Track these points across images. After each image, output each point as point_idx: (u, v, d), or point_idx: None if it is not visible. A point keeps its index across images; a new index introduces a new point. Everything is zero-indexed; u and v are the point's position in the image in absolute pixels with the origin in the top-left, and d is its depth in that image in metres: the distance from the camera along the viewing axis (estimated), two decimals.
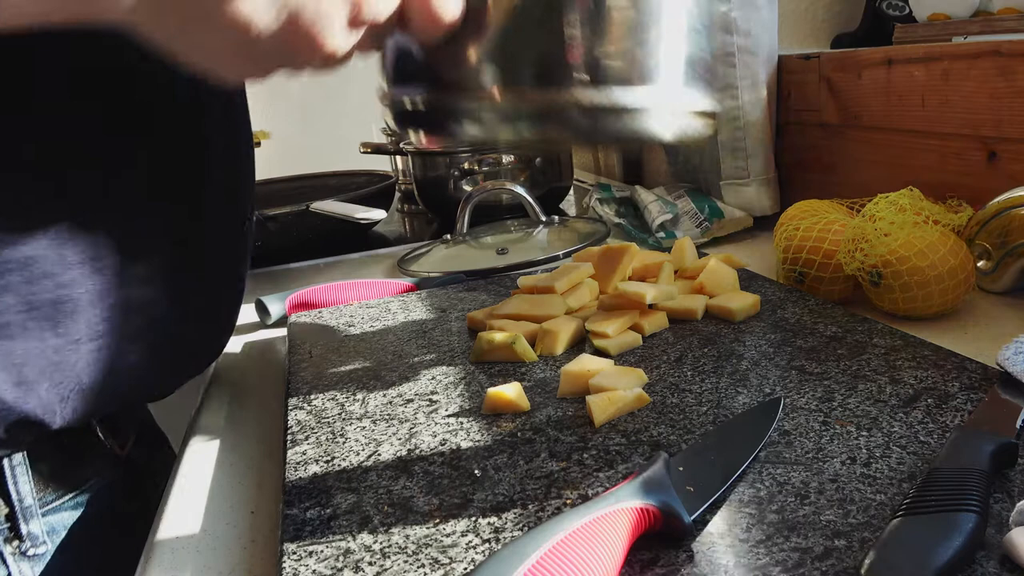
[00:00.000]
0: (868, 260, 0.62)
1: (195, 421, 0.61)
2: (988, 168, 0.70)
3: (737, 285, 0.66)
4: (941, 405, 0.45)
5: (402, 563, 0.36)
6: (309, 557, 0.37)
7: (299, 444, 0.49)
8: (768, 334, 0.58)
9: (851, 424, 0.44)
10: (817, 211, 0.73)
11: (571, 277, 0.67)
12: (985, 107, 0.69)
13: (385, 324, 0.70)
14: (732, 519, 0.36)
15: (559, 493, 0.40)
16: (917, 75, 0.76)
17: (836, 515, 0.36)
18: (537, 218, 0.98)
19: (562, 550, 0.32)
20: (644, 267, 0.69)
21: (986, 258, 0.64)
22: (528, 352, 0.58)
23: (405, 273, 0.89)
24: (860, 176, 0.87)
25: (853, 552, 0.33)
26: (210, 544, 0.44)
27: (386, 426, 0.50)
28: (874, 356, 0.52)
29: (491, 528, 0.38)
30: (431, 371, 0.58)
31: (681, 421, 0.46)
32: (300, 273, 0.99)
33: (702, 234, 0.92)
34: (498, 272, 0.83)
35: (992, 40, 0.71)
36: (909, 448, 0.41)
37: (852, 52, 0.87)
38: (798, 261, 0.67)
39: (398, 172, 1.44)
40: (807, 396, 0.47)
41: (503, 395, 0.50)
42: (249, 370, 0.70)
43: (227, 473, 0.52)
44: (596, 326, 0.60)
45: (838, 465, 0.40)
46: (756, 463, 0.41)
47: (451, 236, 0.97)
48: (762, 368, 0.52)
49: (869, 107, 0.83)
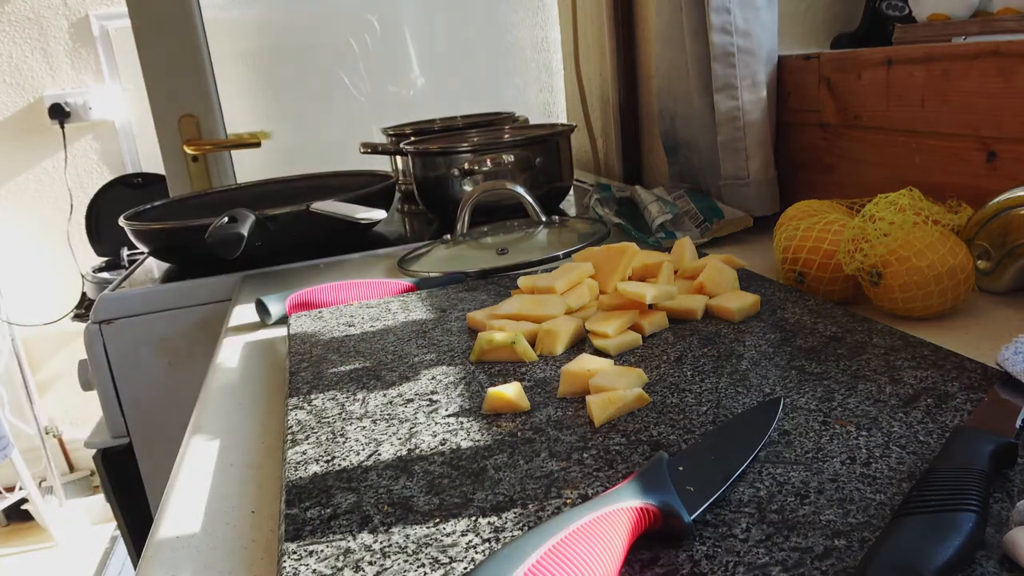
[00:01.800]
0: (868, 260, 0.62)
1: (195, 421, 0.61)
2: (988, 168, 0.70)
3: (737, 285, 0.66)
4: (941, 405, 0.45)
5: (402, 563, 0.36)
6: (309, 557, 0.37)
7: (299, 444, 0.49)
8: (768, 334, 0.58)
9: (851, 424, 0.44)
10: (817, 211, 0.73)
11: (571, 277, 0.67)
12: (985, 107, 0.69)
13: (385, 324, 0.70)
14: (732, 519, 0.36)
15: (559, 493, 0.40)
16: (917, 75, 0.76)
17: (836, 515, 0.36)
18: (537, 218, 0.98)
19: (562, 550, 0.32)
20: (644, 267, 0.69)
21: (986, 258, 0.64)
22: (528, 352, 0.58)
23: (405, 273, 0.89)
24: (860, 176, 0.87)
25: (853, 552, 0.33)
26: (210, 544, 0.44)
27: (386, 426, 0.50)
28: (874, 356, 0.52)
29: (491, 528, 0.38)
30: (431, 371, 0.58)
31: (681, 421, 0.46)
32: (300, 273, 0.99)
33: (702, 234, 0.92)
34: (498, 272, 0.83)
35: (992, 40, 0.71)
36: (909, 448, 0.41)
37: (852, 52, 0.87)
38: (798, 261, 0.67)
39: (398, 172, 1.44)
40: (807, 396, 0.47)
41: (503, 395, 0.50)
42: (249, 370, 0.70)
43: (227, 473, 0.52)
44: (596, 326, 0.60)
45: (838, 465, 0.40)
46: (756, 463, 0.41)
47: (451, 236, 0.97)
48: (762, 368, 0.52)
49: (869, 107, 0.83)
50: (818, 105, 0.91)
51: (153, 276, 1.06)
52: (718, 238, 0.94)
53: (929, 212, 0.65)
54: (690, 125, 1.05)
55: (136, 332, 0.96)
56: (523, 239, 0.95)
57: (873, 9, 1.07)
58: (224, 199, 1.25)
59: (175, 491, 0.51)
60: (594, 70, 1.57)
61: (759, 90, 0.93)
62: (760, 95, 0.94)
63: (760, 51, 0.92)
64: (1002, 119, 0.68)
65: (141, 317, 0.96)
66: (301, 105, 1.84)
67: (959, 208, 0.67)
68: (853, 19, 1.11)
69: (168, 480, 0.53)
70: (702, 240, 0.92)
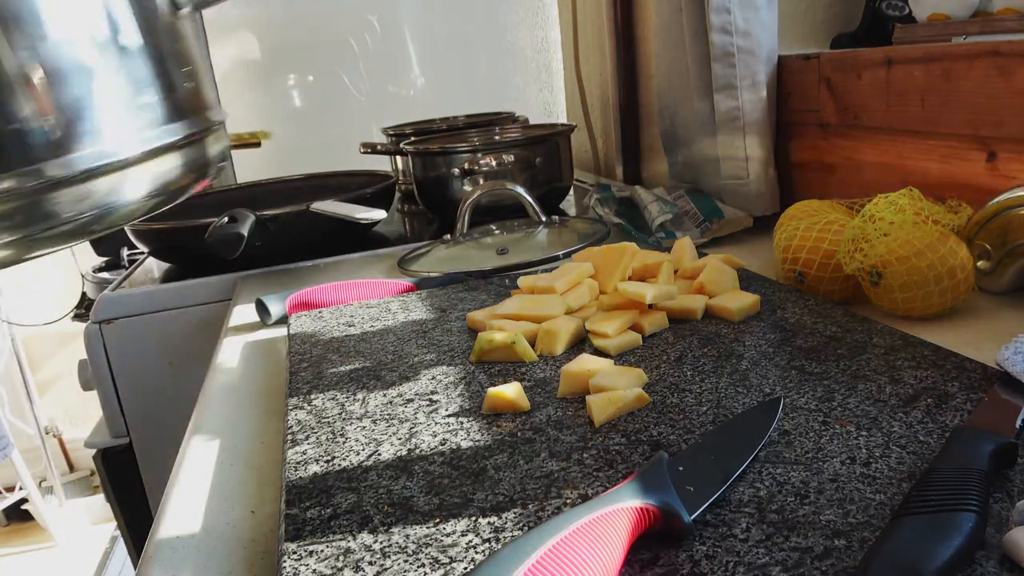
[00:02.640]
0: (868, 260, 0.62)
1: (195, 421, 0.61)
2: (988, 168, 0.70)
3: (737, 285, 0.66)
4: (941, 405, 0.45)
5: (402, 563, 0.36)
6: (309, 557, 0.37)
7: (299, 444, 0.49)
8: (768, 334, 0.58)
9: (851, 424, 0.44)
10: (817, 211, 0.73)
11: (571, 277, 0.67)
12: (985, 107, 0.69)
13: (385, 324, 0.70)
14: (732, 519, 0.36)
15: (559, 493, 0.40)
16: (917, 75, 0.76)
17: (836, 515, 0.36)
18: (537, 218, 0.98)
19: (562, 550, 0.32)
20: (644, 267, 0.69)
21: (986, 258, 0.64)
22: (528, 352, 0.58)
23: (405, 273, 0.89)
24: (860, 176, 0.87)
25: (853, 552, 0.33)
26: (210, 544, 0.44)
27: (386, 426, 0.50)
28: (874, 356, 0.52)
29: (491, 528, 0.38)
30: (431, 371, 0.58)
31: (681, 421, 0.46)
32: (300, 273, 0.99)
33: (702, 234, 0.92)
34: (498, 272, 0.83)
35: (992, 40, 0.71)
36: (909, 448, 0.41)
37: (852, 52, 0.87)
38: (798, 261, 0.67)
39: (398, 172, 1.44)
40: (807, 396, 0.47)
41: (503, 395, 0.50)
42: (249, 370, 0.70)
43: (227, 473, 0.52)
44: (596, 326, 0.60)
45: (838, 465, 0.40)
46: (756, 463, 0.41)
47: (451, 236, 0.97)
48: (762, 368, 0.52)
49: (869, 107, 0.83)
50: (818, 105, 0.91)
51: (153, 276, 1.06)
52: (718, 238, 0.94)
53: (929, 212, 0.65)
54: (690, 125, 1.05)
55: (136, 332, 0.96)
56: (523, 239, 0.95)
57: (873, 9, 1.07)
58: (224, 199, 1.25)
59: (175, 491, 0.51)
60: (594, 70, 1.57)
61: (759, 90, 0.93)
62: (760, 95, 0.94)
63: (760, 51, 0.92)
64: (1002, 119, 0.68)
65: (141, 317, 0.96)
66: (301, 105, 1.84)
67: (959, 208, 0.67)
68: (853, 19, 1.11)
69: (168, 480, 0.53)
70: (702, 240, 0.92)
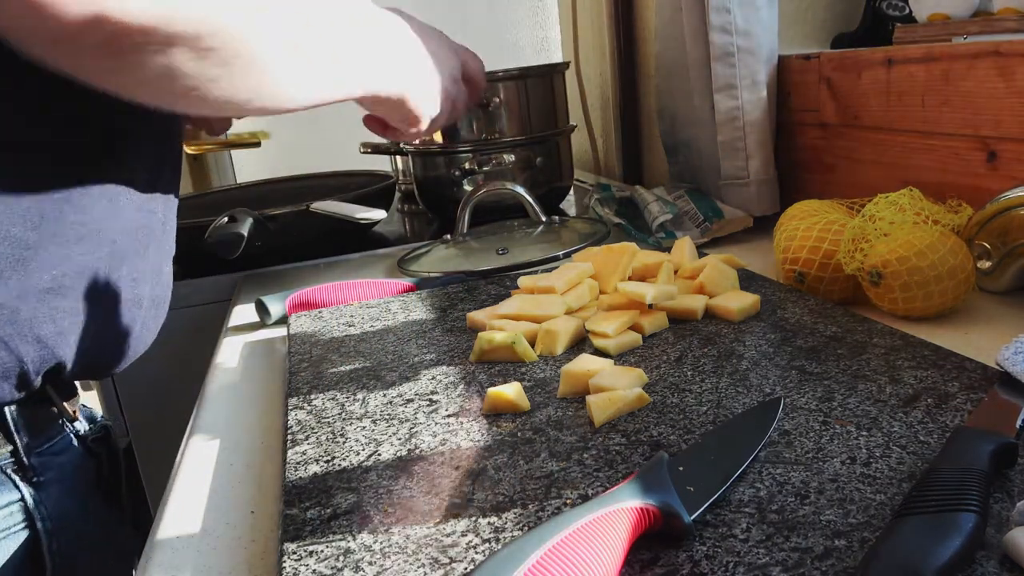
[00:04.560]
0: (868, 260, 0.62)
1: (195, 421, 0.61)
2: (988, 168, 0.70)
3: (737, 285, 0.66)
4: (941, 405, 0.45)
5: (402, 563, 0.36)
6: (309, 557, 0.37)
7: (299, 444, 0.49)
8: (768, 334, 0.58)
9: (851, 424, 0.44)
10: (817, 211, 0.73)
11: (571, 277, 0.67)
12: (985, 107, 0.69)
13: (385, 324, 0.70)
14: (732, 519, 0.36)
15: (559, 493, 0.40)
16: (917, 75, 0.76)
17: (836, 515, 0.36)
18: (537, 218, 0.98)
19: (562, 550, 0.32)
20: (644, 267, 0.69)
21: (986, 258, 0.64)
22: (528, 352, 0.58)
23: (405, 273, 0.89)
24: (860, 176, 0.87)
25: (853, 552, 0.33)
26: (210, 544, 0.44)
27: (386, 426, 0.50)
28: (874, 356, 0.52)
29: (491, 528, 0.38)
30: (431, 371, 0.58)
31: (681, 421, 0.46)
32: (300, 273, 0.99)
33: (702, 234, 0.92)
34: (498, 272, 0.83)
35: (992, 40, 0.71)
36: (909, 448, 0.41)
37: (852, 52, 0.87)
38: (798, 261, 0.67)
39: (398, 172, 1.44)
40: (807, 396, 0.47)
41: (503, 395, 0.50)
42: (249, 370, 0.70)
43: (227, 473, 0.52)
44: (596, 326, 0.60)
45: (838, 465, 0.40)
46: (756, 463, 0.41)
47: (451, 236, 0.97)
48: (762, 368, 0.52)
49: (869, 107, 0.83)
50: (818, 105, 0.91)
51: None
52: (718, 238, 0.94)
53: (929, 212, 0.65)
54: (690, 125, 1.05)
55: None
56: (523, 239, 0.95)
57: (873, 9, 1.07)
58: (224, 199, 1.25)
59: (175, 491, 0.51)
60: (594, 70, 1.57)
61: (759, 90, 0.93)
62: (760, 95, 0.94)
63: (760, 51, 0.92)
64: (1002, 119, 0.68)
65: None
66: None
67: (959, 208, 0.67)
68: (853, 19, 1.11)
69: (168, 480, 0.53)
70: (702, 240, 0.92)
